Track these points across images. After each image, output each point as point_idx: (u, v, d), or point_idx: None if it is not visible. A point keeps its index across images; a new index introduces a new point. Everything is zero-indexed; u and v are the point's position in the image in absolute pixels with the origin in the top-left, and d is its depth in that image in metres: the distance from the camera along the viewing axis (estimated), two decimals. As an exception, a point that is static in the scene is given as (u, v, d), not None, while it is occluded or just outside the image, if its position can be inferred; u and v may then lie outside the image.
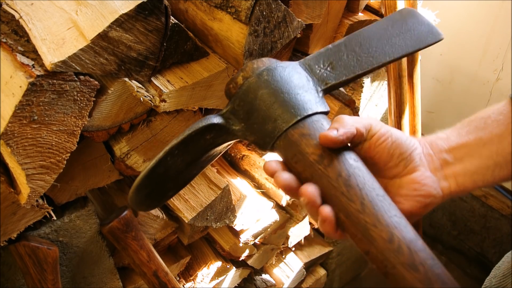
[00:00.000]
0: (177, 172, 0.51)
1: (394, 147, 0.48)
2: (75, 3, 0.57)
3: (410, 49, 0.56)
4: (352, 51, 0.54)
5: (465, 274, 1.98)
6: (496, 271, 0.78)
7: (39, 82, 0.51)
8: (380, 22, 0.58)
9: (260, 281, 1.45)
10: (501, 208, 1.80)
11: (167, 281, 0.89)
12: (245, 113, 0.50)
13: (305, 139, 0.47)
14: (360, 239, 0.43)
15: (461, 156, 0.51)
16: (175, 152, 0.49)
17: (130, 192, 0.49)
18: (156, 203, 0.55)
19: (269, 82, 0.49)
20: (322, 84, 0.52)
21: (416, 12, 0.59)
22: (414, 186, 0.49)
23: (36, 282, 0.71)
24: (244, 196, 1.02)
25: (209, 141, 0.51)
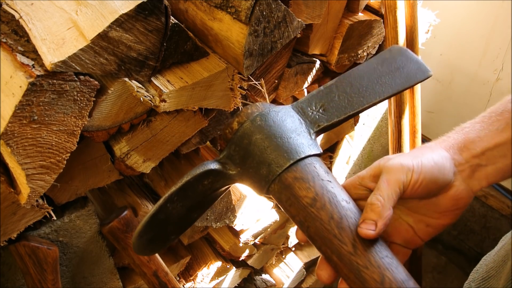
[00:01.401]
0: (178, 217, 0.52)
1: (430, 185, 0.48)
2: (75, 3, 0.57)
3: (400, 87, 0.57)
4: (343, 92, 0.56)
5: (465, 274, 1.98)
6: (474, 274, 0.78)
7: (39, 82, 0.51)
8: (370, 61, 0.59)
9: (260, 281, 1.45)
10: (501, 208, 1.80)
11: (167, 281, 0.89)
12: (240, 158, 0.51)
13: (298, 182, 0.48)
14: (353, 281, 0.44)
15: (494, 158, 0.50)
16: (175, 199, 0.50)
17: (133, 238, 0.51)
18: (159, 247, 0.56)
19: (263, 127, 0.51)
20: (315, 126, 0.54)
21: (405, 49, 0.61)
22: (452, 203, 0.50)
23: (36, 282, 0.71)
24: (244, 196, 1.02)
25: (207, 186, 0.52)
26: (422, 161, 0.48)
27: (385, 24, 1.03)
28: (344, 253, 0.45)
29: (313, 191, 0.47)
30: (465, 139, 0.51)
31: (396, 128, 1.14)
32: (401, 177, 0.47)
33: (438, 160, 0.49)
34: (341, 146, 1.34)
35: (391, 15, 1.00)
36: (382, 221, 0.45)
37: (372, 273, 0.43)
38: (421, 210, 0.52)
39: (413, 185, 0.47)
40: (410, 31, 1.08)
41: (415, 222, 0.52)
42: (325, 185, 0.48)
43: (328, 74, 1.10)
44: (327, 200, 0.46)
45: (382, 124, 1.46)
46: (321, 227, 0.46)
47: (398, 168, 0.48)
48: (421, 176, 0.47)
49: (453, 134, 0.53)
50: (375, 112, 1.41)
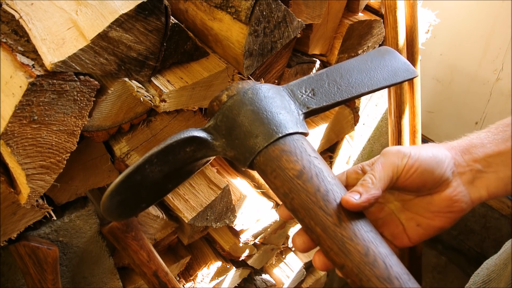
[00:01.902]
0: (153, 182, 0.51)
1: (425, 175, 0.48)
2: (75, 3, 0.57)
3: (387, 82, 0.59)
4: (333, 81, 0.57)
5: (465, 274, 1.98)
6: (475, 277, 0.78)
7: (39, 82, 0.51)
8: (360, 57, 0.62)
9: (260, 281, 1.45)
10: (501, 208, 1.81)
11: (167, 281, 0.89)
12: (227, 128, 0.52)
13: (286, 155, 0.48)
14: (336, 253, 0.44)
15: (496, 165, 0.49)
16: (154, 161, 0.49)
17: (104, 197, 0.48)
18: (128, 213, 0.54)
19: (254, 100, 0.51)
20: (304, 108, 0.55)
21: (393, 50, 0.64)
22: (446, 203, 0.49)
23: (36, 282, 0.71)
24: (244, 196, 1.02)
25: (188, 154, 0.52)
26: (420, 151, 0.48)
27: (385, 24, 1.03)
28: (328, 224, 0.45)
29: (300, 164, 0.47)
30: (468, 144, 0.51)
31: (396, 128, 1.14)
32: (395, 161, 0.48)
33: (437, 154, 0.49)
34: (341, 146, 1.33)
35: (391, 15, 1.00)
36: (366, 195, 0.45)
37: (356, 245, 0.43)
38: (414, 207, 0.51)
39: (407, 170, 0.47)
40: (410, 31, 1.08)
41: (407, 220, 0.52)
42: (312, 160, 0.48)
43: (328, 74, 1.10)
44: (314, 174, 0.47)
45: (382, 124, 1.47)
46: (307, 198, 0.46)
47: (394, 152, 0.48)
48: (417, 163, 0.47)
49: (457, 140, 0.53)
50: (375, 112, 1.41)
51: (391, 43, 1.03)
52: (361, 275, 0.42)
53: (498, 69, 1.64)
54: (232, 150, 0.52)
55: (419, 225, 0.51)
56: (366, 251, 0.43)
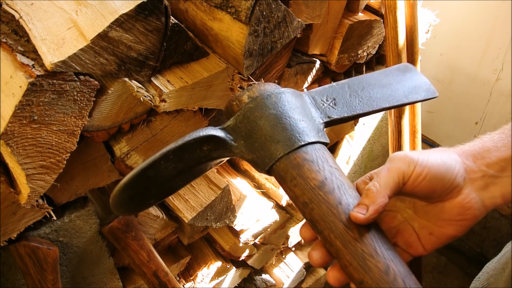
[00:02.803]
0: (165, 178, 0.50)
1: (434, 182, 0.46)
2: (75, 3, 0.57)
3: (408, 100, 0.58)
4: (354, 92, 0.57)
5: (465, 274, 1.98)
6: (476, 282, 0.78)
7: (39, 82, 0.51)
8: (381, 71, 0.61)
9: (260, 281, 1.45)
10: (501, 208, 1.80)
11: (167, 281, 0.89)
12: (247, 130, 0.50)
13: (308, 164, 0.47)
14: (355, 268, 0.44)
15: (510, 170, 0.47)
16: (170, 157, 0.48)
17: (115, 190, 0.48)
18: (135, 209, 0.53)
19: (277, 105, 0.50)
20: (325, 117, 0.54)
21: (413, 67, 0.63)
22: (458, 211, 0.47)
23: (36, 282, 0.71)
24: (244, 196, 1.02)
25: (205, 153, 0.51)
26: (429, 157, 0.47)
27: (385, 24, 1.03)
28: (349, 239, 0.44)
29: (322, 175, 0.47)
30: (481, 148, 0.49)
31: (396, 128, 1.14)
32: (402, 167, 0.46)
33: (447, 160, 0.47)
34: (341, 146, 1.34)
35: (391, 15, 1.00)
36: (373, 207, 0.44)
37: (377, 262, 0.43)
38: (426, 215, 0.50)
39: (415, 177, 0.46)
40: (410, 31, 1.08)
41: (419, 228, 0.51)
42: (334, 172, 0.47)
43: (328, 74, 1.10)
44: (336, 186, 0.46)
45: (382, 124, 1.46)
46: (328, 210, 0.45)
47: (401, 158, 0.47)
48: (425, 170, 0.46)
49: (469, 143, 0.51)
50: (375, 112, 1.41)
51: (391, 43, 1.04)
52: None
53: (498, 69, 1.64)
54: (250, 153, 0.51)
55: (431, 234, 0.50)
56: (386, 269, 0.43)
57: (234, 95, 0.53)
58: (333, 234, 0.45)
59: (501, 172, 0.47)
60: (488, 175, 0.48)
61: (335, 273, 0.46)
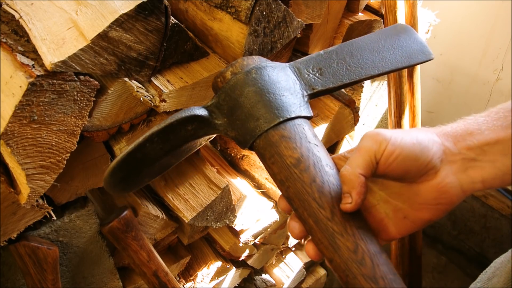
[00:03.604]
0: (154, 159, 0.51)
1: (408, 162, 0.44)
2: (75, 3, 0.57)
3: (400, 64, 0.56)
4: (342, 60, 0.55)
5: (465, 274, 1.98)
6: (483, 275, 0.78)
7: (39, 82, 0.51)
8: (374, 34, 0.58)
9: (260, 281, 1.45)
10: (501, 208, 1.81)
11: (167, 281, 0.89)
12: (229, 108, 0.50)
13: (285, 141, 0.47)
14: (326, 246, 0.44)
15: (493, 154, 0.45)
16: (155, 139, 0.49)
17: (106, 173, 0.48)
18: (131, 187, 0.54)
19: (257, 81, 0.50)
20: (309, 89, 0.53)
21: (410, 29, 0.59)
22: (434, 195, 0.45)
23: (36, 282, 0.71)
24: (244, 196, 1.02)
25: (190, 132, 0.51)
26: (403, 136, 0.45)
27: (385, 24, 1.03)
28: (321, 217, 0.44)
29: (298, 152, 0.46)
30: (464, 130, 0.47)
31: (396, 128, 1.14)
32: (372, 146, 0.44)
33: (423, 140, 0.45)
34: (341, 146, 1.33)
35: (391, 15, 1.00)
36: (355, 191, 0.43)
37: (346, 241, 0.43)
38: (401, 197, 0.48)
39: (387, 156, 0.44)
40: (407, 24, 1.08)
41: (393, 211, 0.49)
42: (312, 148, 0.47)
43: (328, 74, 1.10)
44: (312, 163, 0.46)
45: (382, 124, 1.46)
46: (302, 189, 0.45)
47: (372, 136, 0.45)
48: (398, 149, 0.44)
49: (452, 124, 0.49)
50: (375, 112, 1.41)
51: (391, 43, 1.04)
52: (347, 271, 0.42)
53: (498, 69, 1.64)
54: (233, 130, 0.50)
55: (406, 217, 0.48)
56: (355, 248, 0.43)
57: (219, 71, 0.52)
58: (306, 212, 0.45)
59: (483, 155, 0.45)
60: (468, 158, 0.45)
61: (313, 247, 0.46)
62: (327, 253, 0.44)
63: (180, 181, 0.88)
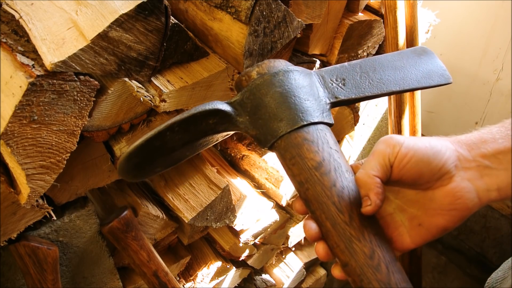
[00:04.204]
0: (171, 149, 0.51)
1: (421, 165, 0.45)
2: (75, 3, 0.57)
3: (420, 84, 0.57)
4: (365, 74, 0.56)
5: (465, 274, 1.98)
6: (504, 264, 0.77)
7: (39, 82, 0.51)
8: (396, 53, 0.59)
9: (260, 281, 1.45)
10: (501, 208, 1.81)
11: (167, 281, 0.89)
12: (253, 106, 0.51)
13: (307, 144, 0.48)
14: (342, 250, 0.44)
15: (507, 163, 0.45)
16: (176, 129, 0.49)
17: (121, 158, 0.49)
18: (142, 175, 0.54)
19: (283, 83, 0.50)
20: (332, 97, 0.54)
21: (431, 52, 0.61)
22: (449, 199, 0.45)
23: (36, 282, 0.71)
24: (244, 196, 1.02)
25: (211, 126, 0.51)
26: (416, 141, 0.46)
27: (385, 24, 1.03)
28: (339, 221, 0.45)
29: (320, 156, 0.47)
30: (478, 138, 0.48)
31: (396, 128, 1.14)
32: (386, 149, 0.45)
33: (436, 145, 0.46)
34: (341, 146, 1.34)
35: (391, 15, 1.00)
36: (372, 192, 0.44)
37: (363, 246, 0.44)
38: (416, 204, 0.49)
39: (400, 159, 0.45)
40: (410, 31, 1.08)
41: (408, 219, 0.49)
42: (333, 153, 0.48)
43: (328, 74, 1.10)
44: (333, 168, 0.47)
45: (382, 124, 1.46)
46: (322, 192, 0.46)
47: (386, 141, 0.46)
48: (411, 152, 0.45)
49: (466, 134, 0.49)
50: (375, 112, 1.41)
51: (391, 43, 1.04)
52: (363, 276, 0.43)
53: (498, 69, 1.64)
54: (254, 129, 0.51)
55: (421, 225, 0.48)
56: (371, 254, 0.43)
57: (244, 70, 0.53)
58: (324, 215, 0.46)
59: (498, 164, 0.45)
60: (483, 165, 0.46)
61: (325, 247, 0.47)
62: (343, 257, 0.44)
63: (180, 181, 0.88)
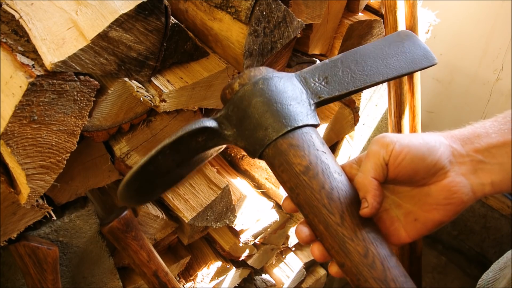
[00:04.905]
0: (167, 171, 0.52)
1: (416, 162, 0.45)
2: (75, 3, 0.57)
3: (404, 70, 0.57)
4: (347, 68, 0.55)
5: (465, 274, 1.98)
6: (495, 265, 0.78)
7: (39, 82, 0.51)
8: (378, 41, 0.59)
9: (260, 281, 1.45)
10: (501, 208, 1.81)
11: (167, 281, 0.89)
12: (238, 119, 0.51)
13: (293, 149, 0.48)
14: (336, 251, 0.45)
15: (501, 157, 0.46)
16: (167, 152, 0.50)
17: (120, 186, 0.50)
18: (145, 199, 0.55)
19: (264, 91, 0.50)
20: (315, 97, 0.53)
21: (413, 35, 0.60)
22: (444, 194, 0.46)
23: (36, 282, 0.71)
24: (244, 196, 1.02)
25: (200, 143, 0.52)
26: (410, 138, 0.46)
27: (385, 24, 1.03)
28: (331, 223, 0.45)
29: (307, 160, 0.47)
30: (471, 133, 0.48)
31: (396, 128, 1.14)
32: (380, 149, 0.46)
33: (429, 141, 0.46)
34: (341, 146, 1.33)
35: (391, 15, 1.00)
36: (370, 194, 0.45)
37: (356, 246, 0.44)
38: (412, 200, 0.49)
39: (395, 157, 0.45)
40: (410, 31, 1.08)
41: (404, 215, 0.49)
42: (320, 155, 0.48)
43: (328, 74, 1.10)
44: (320, 170, 0.47)
45: (382, 124, 1.46)
46: (311, 195, 0.46)
47: (379, 140, 0.47)
48: (405, 150, 0.45)
49: (460, 129, 0.50)
50: (375, 112, 1.41)
51: (391, 43, 1.03)
52: (359, 275, 0.43)
53: (498, 69, 1.64)
54: (242, 140, 0.51)
55: (417, 219, 0.48)
56: (365, 252, 0.44)
57: (228, 83, 0.53)
58: (316, 218, 0.46)
59: (490, 158, 0.46)
60: (476, 160, 0.46)
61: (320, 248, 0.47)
62: (338, 258, 0.45)
63: (180, 181, 0.88)
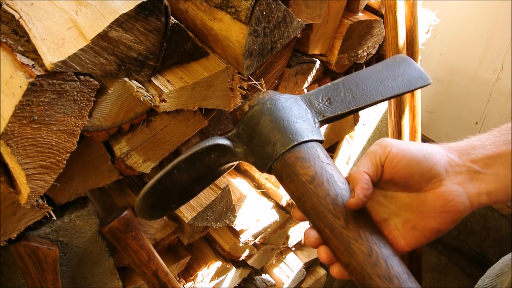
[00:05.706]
0: (182, 185, 0.56)
1: (412, 165, 0.48)
2: (75, 3, 0.57)
3: (401, 90, 0.62)
4: (348, 90, 0.60)
5: (465, 274, 1.98)
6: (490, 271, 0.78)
7: (39, 82, 0.51)
8: (376, 65, 0.64)
9: (260, 281, 1.45)
10: (501, 208, 1.81)
11: (167, 281, 0.89)
12: (248, 136, 0.56)
13: (300, 161, 0.52)
14: (342, 252, 0.48)
15: (495, 167, 0.48)
16: (182, 166, 0.54)
17: (137, 199, 0.53)
18: (160, 213, 0.59)
19: (272, 110, 0.55)
20: (320, 116, 0.58)
21: (408, 58, 0.66)
22: (440, 202, 0.48)
23: (36, 282, 0.71)
24: (244, 196, 1.02)
25: (213, 160, 0.56)
26: (408, 144, 0.49)
27: (385, 24, 1.03)
28: (336, 226, 0.48)
29: (312, 170, 0.51)
30: (467, 145, 0.50)
31: (396, 128, 1.14)
32: (377, 149, 0.49)
33: (426, 149, 0.49)
34: (341, 146, 1.34)
35: (391, 15, 1.00)
36: (358, 186, 0.47)
37: (360, 246, 0.47)
38: (410, 208, 0.51)
39: (391, 159, 0.48)
40: (410, 31, 1.08)
41: (402, 223, 0.51)
42: (324, 167, 0.52)
43: (328, 74, 1.10)
44: (325, 179, 0.50)
45: (382, 124, 1.46)
46: (317, 202, 0.49)
47: (379, 142, 0.50)
48: (402, 153, 0.48)
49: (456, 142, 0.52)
50: (375, 112, 1.41)
51: (391, 43, 1.04)
52: (364, 273, 0.46)
53: (498, 69, 1.64)
54: (252, 156, 0.56)
55: (414, 228, 0.50)
56: (369, 251, 0.46)
57: (238, 106, 0.59)
58: (322, 223, 0.49)
59: (486, 168, 0.48)
60: (472, 170, 0.48)
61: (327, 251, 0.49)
62: (344, 258, 0.47)
63: (180, 181, 0.88)
